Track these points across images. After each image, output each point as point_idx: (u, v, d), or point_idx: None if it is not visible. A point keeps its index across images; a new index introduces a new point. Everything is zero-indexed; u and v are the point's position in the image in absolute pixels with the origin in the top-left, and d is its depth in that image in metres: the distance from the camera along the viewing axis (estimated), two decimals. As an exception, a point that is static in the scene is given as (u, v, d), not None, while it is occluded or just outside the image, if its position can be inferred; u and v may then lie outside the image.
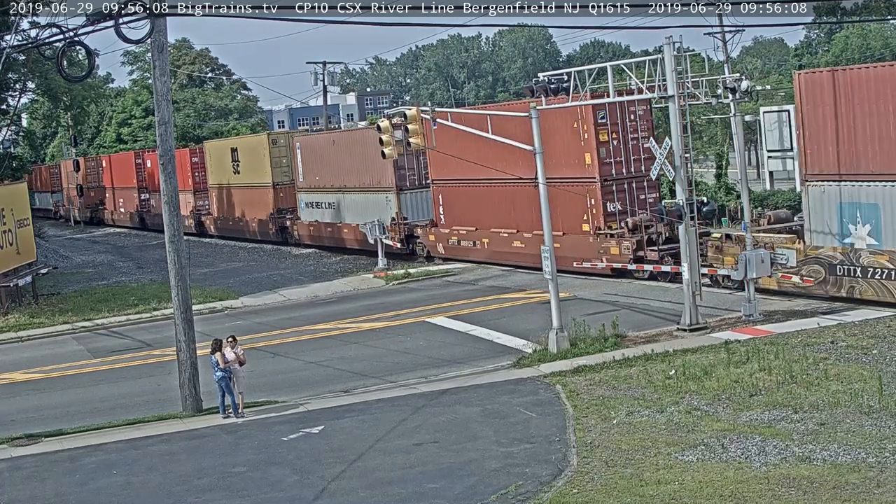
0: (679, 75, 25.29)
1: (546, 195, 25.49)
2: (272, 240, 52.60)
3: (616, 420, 18.50)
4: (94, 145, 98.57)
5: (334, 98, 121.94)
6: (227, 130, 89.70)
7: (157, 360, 28.08)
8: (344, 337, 29.40)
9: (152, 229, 64.29)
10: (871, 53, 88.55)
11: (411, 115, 28.69)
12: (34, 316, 36.58)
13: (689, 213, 25.38)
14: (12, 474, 18.80)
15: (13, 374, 28.50)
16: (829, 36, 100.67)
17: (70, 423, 22.04)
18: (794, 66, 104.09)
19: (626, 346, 24.36)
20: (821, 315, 25.55)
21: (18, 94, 51.82)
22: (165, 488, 17.25)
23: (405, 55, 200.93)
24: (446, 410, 20.36)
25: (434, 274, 39.46)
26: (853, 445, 15.85)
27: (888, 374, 19.54)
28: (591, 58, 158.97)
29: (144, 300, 37.92)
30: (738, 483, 14.80)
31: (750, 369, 20.69)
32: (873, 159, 25.64)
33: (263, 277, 43.26)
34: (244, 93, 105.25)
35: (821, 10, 49.79)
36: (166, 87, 22.34)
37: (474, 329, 28.49)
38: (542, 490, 15.35)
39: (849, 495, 14.00)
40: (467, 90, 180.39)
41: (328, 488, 16.45)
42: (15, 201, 41.38)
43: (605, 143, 33.17)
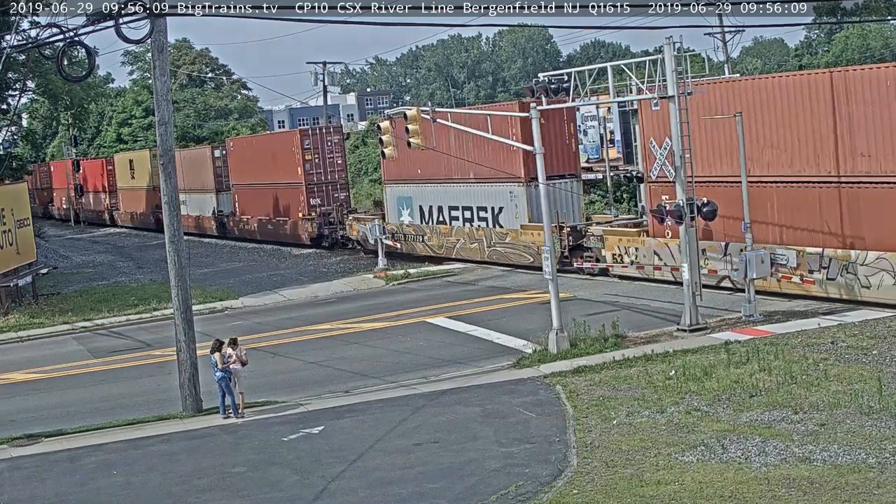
0: (679, 75, 25.30)
1: (546, 195, 25.47)
2: (153, 228, 68.38)
3: (616, 420, 18.50)
4: (95, 145, 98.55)
5: (334, 98, 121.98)
6: (227, 130, 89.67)
7: (157, 360, 28.08)
8: (344, 337, 29.41)
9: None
10: (871, 53, 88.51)
11: (411, 115, 28.72)
12: (34, 316, 36.58)
13: (689, 213, 25.39)
14: (12, 474, 18.80)
15: (13, 374, 28.51)
16: (829, 36, 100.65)
17: (70, 423, 22.05)
18: (794, 66, 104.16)
19: (626, 346, 24.36)
20: (821, 315, 25.56)
21: (18, 94, 51.84)
22: (165, 488, 17.26)
23: (405, 55, 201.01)
24: (446, 410, 20.37)
25: (434, 274, 39.47)
26: (853, 446, 15.86)
27: (888, 374, 19.54)
28: (591, 58, 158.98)
29: (144, 300, 37.92)
30: (738, 484, 14.80)
31: (750, 370, 20.69)
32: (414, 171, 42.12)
33: (263, 277, 43.27)
34: (244, 93, 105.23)
35: (821, 10, 49.84)
36: (166, 87, 22.34)
37: (474, 329, 28.49)
38: (542, 490, 15.36)
39: (849, 496, 14.00)
40: (467, 90, 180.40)
41: (328, 488, 16.45)
42: (15, 201, 41.37)
43: (309, 161, 51.05)
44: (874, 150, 25.86)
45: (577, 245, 35.02)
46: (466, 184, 39.64)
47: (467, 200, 39.76)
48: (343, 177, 52.51)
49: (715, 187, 28.61)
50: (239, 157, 58.03)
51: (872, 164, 25.97)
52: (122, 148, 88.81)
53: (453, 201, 40.56)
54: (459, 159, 38.96)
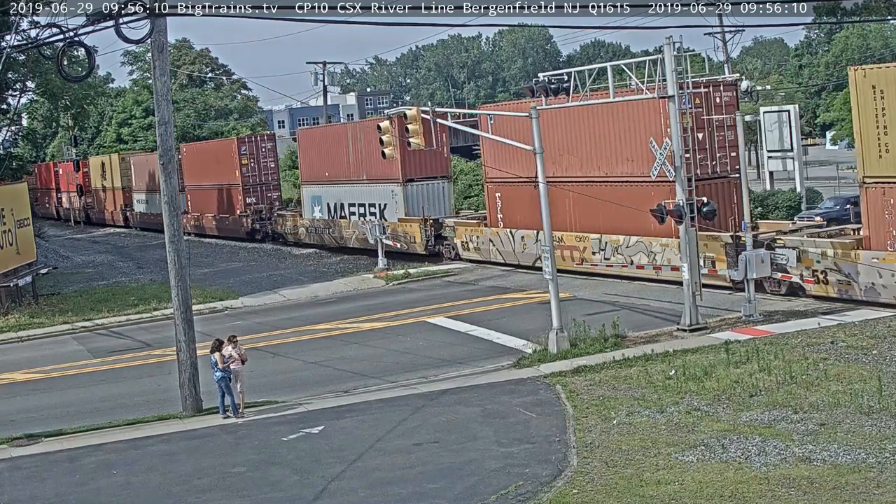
0: (679, 75, 25.30)
1: (546, 195, 25.47)
2: (120, 224, 78.31)
3: (616, 420, 18.49)
4: (95, 145, 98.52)
5: (334, 98, 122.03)
6: (227, 130, 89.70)
7: (157, 360, 28.08)
8: (344, 337, 29.41)
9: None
10: (871, 53, 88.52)
11: (411, 115, 28.72)
12: (34, 316, 36.57)
13: (689, 213, 25.39)
14: (12, 474, 18.80)
15: (13, 374, 28.50)
16: (829, 36, 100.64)
17: (70, 423, 22.04)
18: (794, 66, 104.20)
19: (626, 346, 24.36)
20: (821, 315, 25.56)
21: (18, 94, 51.81)
22: (165, 488, 17.25)
23: (405, 55, 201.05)
24: (446, 410, 20.36)
25: (434, 274, 39.50)
26: (853, 446, 15.85)
27: (888, 374, 19.54)
28: (591, 58, 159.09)
29: (144, 300, 37.92)
30: (738, 483, 14.80)
31: (750, 370, 20.69)
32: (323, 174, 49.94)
33: (263, 277, 43.27)
34: (244, 93, 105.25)
35: (821, 10, 49.81)
36: (166, 87, 22.33)
37: (474, 329, 28.49)
38: (542, 490, 15.35)
39: (849, 496, 13.99)
40: (467, 90, 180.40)
41: (328, 488, 16.45)
42: (15, 201, 41.37)
43: (245, 165, 58.14)
44: (634, 156, 32.12)
45: (439, 235, 42.06)
46: (361, 184, 47.08)
47: (361, 199, 47.18)
48: (275, 178, 59.54)
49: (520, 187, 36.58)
50: (190, 161, 64.71)
51: (634, 168, 32.35)
52: (122, 148, 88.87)
53: (351, 199, 47.90)
54: (357, 164, 47.08)
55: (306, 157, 52.39)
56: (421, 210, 42.98)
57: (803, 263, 27.65)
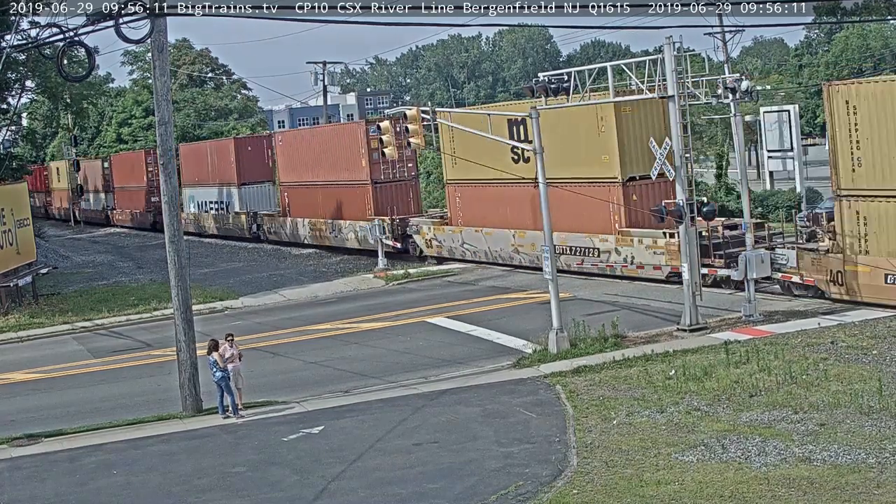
0: (679, 75, 25.29)
1: (546, 195, 25.48)
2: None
3: (616, 420, 18.50)
4: (95, 145, 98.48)
5: (334, 98, 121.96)
6: (227, 130, 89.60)
7: (157, 360, 28.08)
8: (344, 337, 29.41)
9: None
10: (871, 54, 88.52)
11: (411, 115, 28.69)
12: (34, 316, 36.57)
13: (689, 213, 25.39)
14: (12, 474, 18.80)
15: (13, 374, 28.50)
16: (829, 36, 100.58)
17: (70, 423, 22.04)
18: (794, 66, 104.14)
19: (626, 346, 24.36)
20: (821, 315, 25.57)
21: (18, 94, 51.78)
22: (165, 488, 17.26)
23: (405, 55, 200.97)
24: (446, 410, 20.37)
25: (434, 274, 39.50)
26: (853, 446, 15.86)
27: (888, 374, 19.55)
28: (591, 58, 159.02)
29: (144, 300, 37.91)
30: (738, 483, 14.81)
31: (750, 370, 20.69)
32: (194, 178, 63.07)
33: (263, 277, 43.26)
34: (244, 93, 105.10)
35: (821, 10, 49.83)
36: (166, 87, 22.33)
37: (474, 329, 28.49)
38: (542, 490, 15.36)
39: (849, 496, 14.00)
40: (467, 90, 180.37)
41: (328, 488, 16.46)
42: (15, 201, 41.36)
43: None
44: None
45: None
46: (215, 186, 62.02)
47: (215, 196, 62.50)
48: None
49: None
50: (118, 167, 77.79)
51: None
52: (121, 148, 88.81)
53: (210, 198, 63.27)
54: (214, 169, 61.33)
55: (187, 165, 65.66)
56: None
57: (421, 235, 40.72)
